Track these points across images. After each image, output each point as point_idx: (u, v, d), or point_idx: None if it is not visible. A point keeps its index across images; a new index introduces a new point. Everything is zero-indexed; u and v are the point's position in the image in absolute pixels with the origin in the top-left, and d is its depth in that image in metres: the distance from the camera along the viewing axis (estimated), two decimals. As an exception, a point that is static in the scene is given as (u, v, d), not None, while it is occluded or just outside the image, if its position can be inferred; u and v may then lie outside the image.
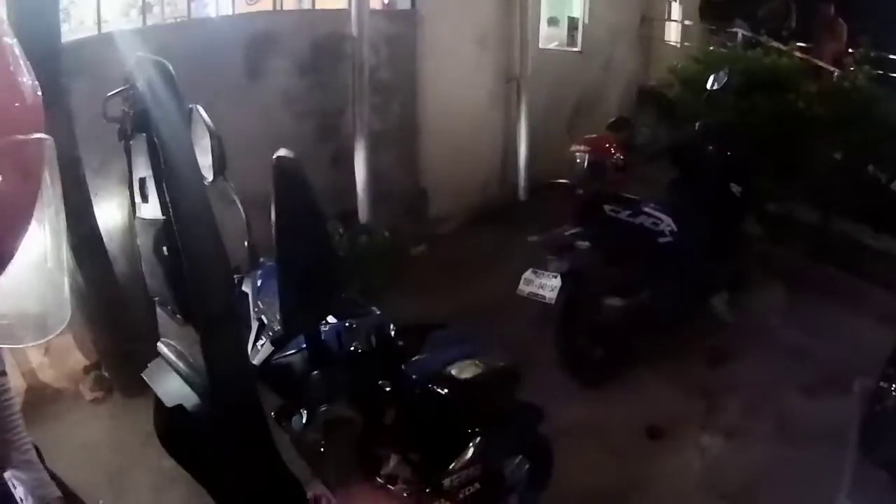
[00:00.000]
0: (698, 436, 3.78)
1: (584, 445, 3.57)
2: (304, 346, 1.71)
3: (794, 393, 4.03)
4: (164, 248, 1.44)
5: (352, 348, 1.68)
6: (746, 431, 3.79)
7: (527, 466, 2.47)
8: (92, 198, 4.18)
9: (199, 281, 1.37)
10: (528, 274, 4.04)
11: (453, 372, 1.84)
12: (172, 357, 1.65)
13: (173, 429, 1.89)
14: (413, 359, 1.86)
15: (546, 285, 3.96)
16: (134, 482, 4.18)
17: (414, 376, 1.78)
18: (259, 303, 1.84)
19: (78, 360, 5.13)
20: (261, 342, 1.75)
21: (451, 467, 1.88)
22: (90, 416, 4.96)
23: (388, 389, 1.71)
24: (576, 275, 4.00)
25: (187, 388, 1.53)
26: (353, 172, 5.19)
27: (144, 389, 4.97)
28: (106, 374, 5.16)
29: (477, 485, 1.93)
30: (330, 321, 1.74)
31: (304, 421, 1.60)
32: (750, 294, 4.94)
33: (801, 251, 5.61)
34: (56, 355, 4.97)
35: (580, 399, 3.96)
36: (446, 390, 1.80)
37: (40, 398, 4.61)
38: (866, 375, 3.25)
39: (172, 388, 1.58)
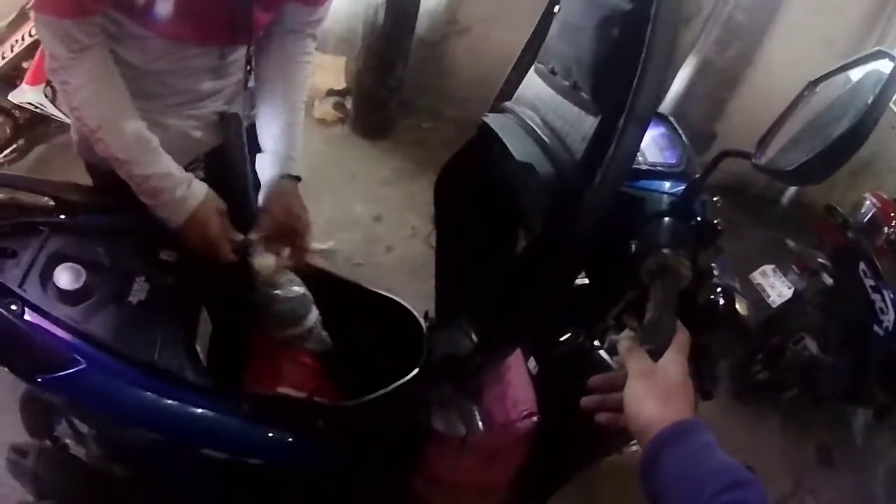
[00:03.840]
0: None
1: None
2: (662, 190, 1.65)
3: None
4: (615, 32, 1.38)
5: (700, 219, 1.60)
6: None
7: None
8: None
9: (649, 73, 1.29)
10: (768, 268, 3.94)
11: (736, 297, 1.75)
12: (533, 124, 1.59)
13: (462, 181, 1.88)
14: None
15: (776, 289, 3.85)
16: (320, 212, 4.26)
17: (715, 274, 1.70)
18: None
19: (323, 80, 5.27)
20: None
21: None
22: (309, 131, 5.09)
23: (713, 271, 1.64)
24: (804, 300, 3.88)
25: (542, 154, 1.49)
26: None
27: (375, 135, 5.19)
28: (347, 105, 5.29)
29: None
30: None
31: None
32: (884, 436, 4.48)
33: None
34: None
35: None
36: (723, 304, 1.71)
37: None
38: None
39: (525, 146, 1.52)
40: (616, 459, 3.10)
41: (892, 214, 4.19)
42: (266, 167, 1.93)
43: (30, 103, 3.64)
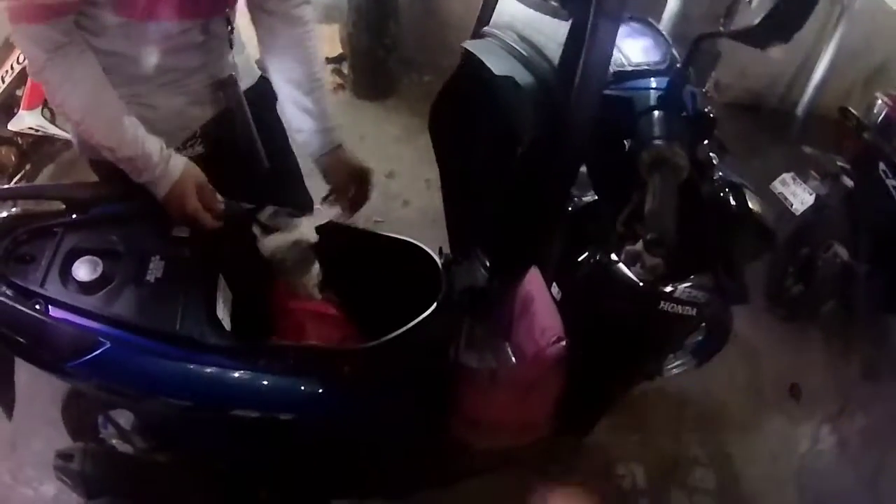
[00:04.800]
0: (820, 424, 3.56)
1: (732, 363, 3.52)
2: (649, 87, 1.66)
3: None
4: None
5: (699, 110, 1.61)
6: (847, 457, 3.47)
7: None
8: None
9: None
10: (787, 176, 3.84)
11: (747, 193, 1.75)
12: (511, 41, 1.62)
13: (454, 112, 1.92)
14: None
15: (798, 196, 3.77)
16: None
17: (720, 173, 1.70)
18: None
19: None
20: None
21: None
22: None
23: (713, 161, 1.65)
24: (827, 205, 3.79)
25: (521, 67, 1.53)
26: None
27: (377, 95, 5.20)
28: (344, 71, 5.31)
29: (690, 309, 1.87)
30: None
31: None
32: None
33: None
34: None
35: (752, 317, 3.76)
36: (734, 203, 1.71)
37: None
38: None
39: (504, 62, 1.56)
40: (659, 385, 3.11)
41: (907, 112, 4.11)
42: (314, 146, 2.06)
43: (30, 127, 3.68)
